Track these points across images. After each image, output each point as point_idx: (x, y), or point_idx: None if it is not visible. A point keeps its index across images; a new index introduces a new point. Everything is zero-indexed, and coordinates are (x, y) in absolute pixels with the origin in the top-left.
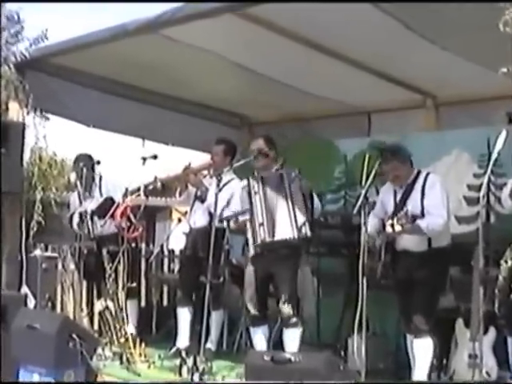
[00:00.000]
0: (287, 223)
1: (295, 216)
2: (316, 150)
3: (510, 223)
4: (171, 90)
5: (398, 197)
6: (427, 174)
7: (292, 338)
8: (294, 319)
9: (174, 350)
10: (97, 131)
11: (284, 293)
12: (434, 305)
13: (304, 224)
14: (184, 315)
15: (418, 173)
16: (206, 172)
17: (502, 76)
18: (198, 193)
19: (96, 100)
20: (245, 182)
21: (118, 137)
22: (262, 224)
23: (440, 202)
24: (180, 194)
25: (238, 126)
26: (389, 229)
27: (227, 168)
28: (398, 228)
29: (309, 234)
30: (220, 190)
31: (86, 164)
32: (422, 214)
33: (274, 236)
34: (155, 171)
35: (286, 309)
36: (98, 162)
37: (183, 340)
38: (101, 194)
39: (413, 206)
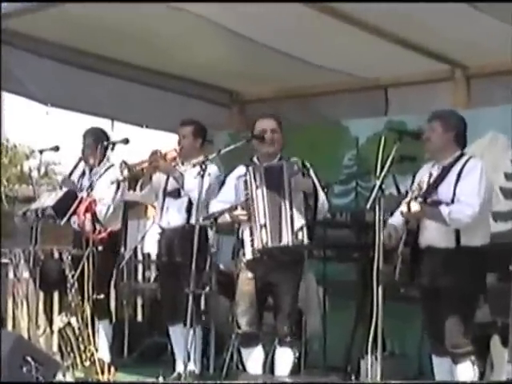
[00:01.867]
0: (283, 226)
1: (292, 218)
2: (322, 132)
3: None
4: (146, 61)
5: (432, 180)
6: (469, 158)
7: (284, 359)
8: (290, 338)
9: (175, 375)
10: (57, 111)
11: (284, 306)
12: (468, 319)
13: (301, 229)
14: (178, 334)
15: (461, 155)
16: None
17: None
18: (168, 187)
19: (55, 73)
20: (241, 169)
21: (82, 117)
22: (264, 225)
23: (475, 191)
24: (141, 188)
25: (227, 104)
26: (404, 208)
27: (214, 154)
28: (414, 208)
29: (306, 240)
30: (202, 177)
31: (92, 142)
32: (452, 202)
33: (280, 240)
34: (126, 158)
35: (284, 325)
36: (127, 141)
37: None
38: (90, 186)
39: (444, 190)
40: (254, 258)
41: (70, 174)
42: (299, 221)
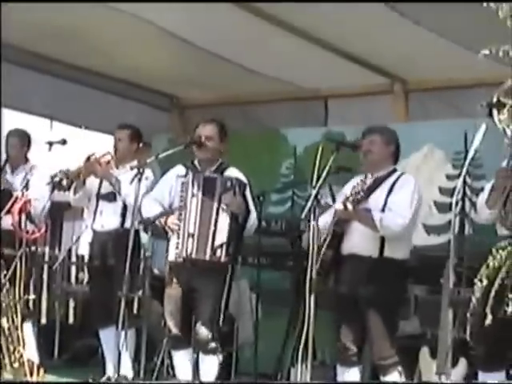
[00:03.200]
0: (204, 240)
1: (214, 233)
2: (259, 140)
3: (488, 235)
4: (86, 62)
5: (363, 188)
6: (402, 173)
7: (208, 366)
8: (213, 344)
9: (104, 378)
10: None
11: (204, 311)
12: (391, 331)
13: (221, 246)
14: (108, 337)
15: (394, 171)
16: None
17: (483, 59)
18: (102, 190)
19: None
20: (180, 169)
21: (19, 116)
22: (191, 235)
23: (407, 203)
24: (75, 191)
25: (166, 109)
26: (340, 206)
27: (152, 158)
28: (349, 206)
29: (223, 258)
30: (139, 181)
31: (18, 143)
32: (383, 211)
33: (205, 254)
34: (63, 159)
35: (205, 331)
36: (64, 142)
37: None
38: (24, 186)
39: (374, 200)
40: (177, 263)
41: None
42: (220, 238)
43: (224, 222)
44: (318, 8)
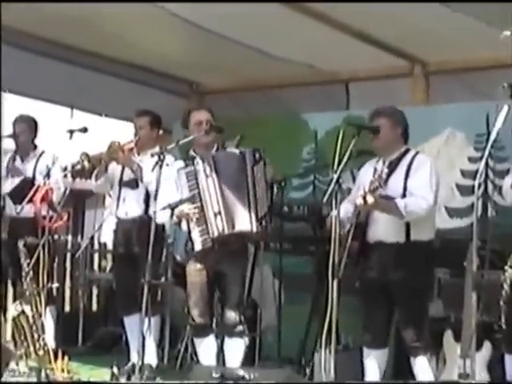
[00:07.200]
0: (246, 213)
1: (256, 205)
2: (280, 125)
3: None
4: (105, 49)
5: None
6: (416, 153)
7: (235, 350)
8: (240, 327)
9: (129, 365)
10: (13, 97)
11: (233, 295)
12: (422, 313)
13: (265, 216)
14: (133, 324)
15: (407, 151)
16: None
17: (505, 40)
18: (124, 177)
19: (12, 59)
20: (179, 163)
21: (39, 104)
22: (218, 213)
23: (427, 185)
24: (97, 178)
25: (186, 95)
26: (360, 200)
27: (172, 144)
28: (370, 199)
29: (269, 227)
30: (161, 168)
31: (26, 129)
32: (404, 196)
33: (234, 227)
34: (85, 147)
35: (233, 314)
36: (86, 130)
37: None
38: (34, 171)
39: (393, 185)
40: (204, 249)
41: (14, 161)
42: (263, 208)
43: (262, 192)
44: None
